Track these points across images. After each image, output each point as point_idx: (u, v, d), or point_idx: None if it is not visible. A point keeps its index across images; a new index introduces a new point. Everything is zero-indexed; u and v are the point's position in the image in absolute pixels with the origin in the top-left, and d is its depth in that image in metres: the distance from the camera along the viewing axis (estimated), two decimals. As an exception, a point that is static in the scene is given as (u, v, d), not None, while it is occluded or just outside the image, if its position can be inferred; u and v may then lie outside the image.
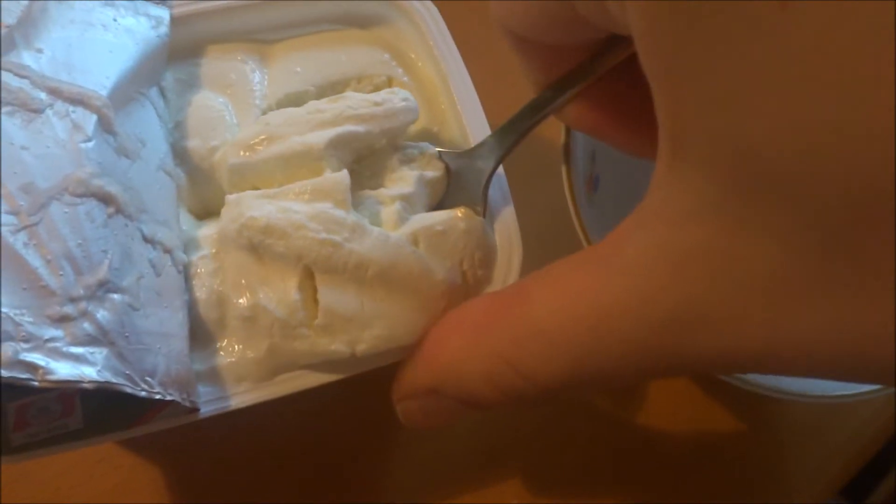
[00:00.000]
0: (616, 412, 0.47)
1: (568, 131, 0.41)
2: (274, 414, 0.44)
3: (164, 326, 0.32)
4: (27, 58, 0.33)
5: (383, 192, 0.35)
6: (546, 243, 0.42)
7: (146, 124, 0.37)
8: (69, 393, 0.30)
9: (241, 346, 0.34)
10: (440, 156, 0.37)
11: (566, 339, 0.24)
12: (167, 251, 0.34)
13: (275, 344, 0.33)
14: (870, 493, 0.65)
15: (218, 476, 0.44)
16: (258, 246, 0.32)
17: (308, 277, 0.32)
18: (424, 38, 0.42)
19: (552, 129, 0.41)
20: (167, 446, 0.45)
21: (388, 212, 0.34)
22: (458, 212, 0.34)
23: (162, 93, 0.39)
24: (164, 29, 0.39)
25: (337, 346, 0.32)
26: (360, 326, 0.31)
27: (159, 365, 0.30)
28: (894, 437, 0.50)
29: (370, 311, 0.32)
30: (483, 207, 0.36)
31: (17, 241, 0.29)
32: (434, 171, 0.37)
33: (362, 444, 0.46)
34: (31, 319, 0.28)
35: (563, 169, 0.41)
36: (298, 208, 0.32)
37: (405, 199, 0.35)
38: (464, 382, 0.28)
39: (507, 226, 0.38)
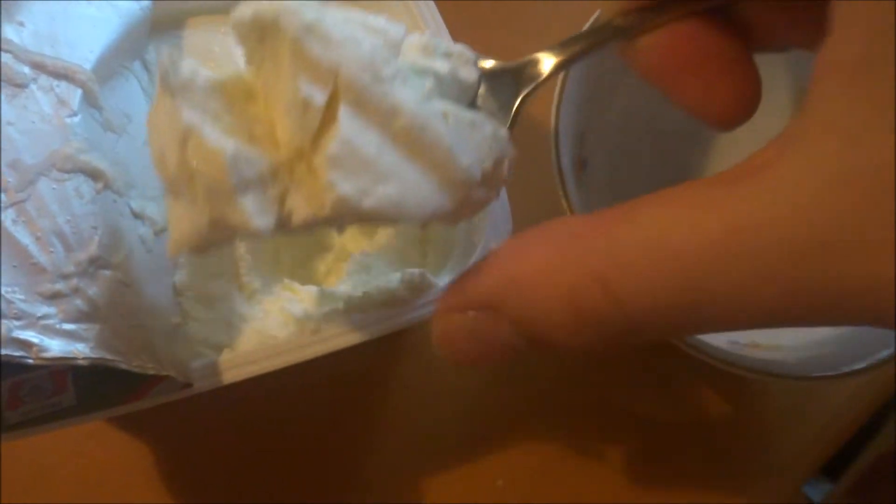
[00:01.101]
0: (603, 396, 0.48)
1: (558, 113, 0.41)
2: (261, 394, 0.44)
3: (156, 302, 0.32)
4: (9, 31, 0.32)
5: (419, 62, 0.30)
6: (536, 220, 0.42)
7: (131, 99, 0.36)
8: (61, 370, 0.30)
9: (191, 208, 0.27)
10: (476, 62, 0.34)
11: (678, 257, 0.20)
12: (156, 226, 0.34)
13: (215, 217, 0.26)
14: (845, 470, 0.67)
15: (203, 453, 0.44)
16: (294, 41, 0.26)
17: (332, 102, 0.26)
18: (416, 20, 0.42)
19: (542, 109, 0.41)
20: (157, 422, 0.45)
21: (420, 83, 0.30)
22: (487, 116, 0.30)
23: (146, 67, 0.39)
24: (146, 2, 0.38)
25: (345, 188, 0.26)
26: (373, 178, 0.26)
27: (153, 340, 0.30)
28: (870, 417, 0.51)
29: (387, 164, 0.27)
30: (511, 125, 0.31)
31: (6, 219, 0.28)
32: (467, 74, 0.32)
33: (351, 426, 0.46)
34: (22, 297, 0.27)
35: (553, 151, 0.40)
36: (352, 26, 0.27)
37: (439, 79, 0.30)
38: (536, 300, 0.24)
39: (499, 207, 0.38)
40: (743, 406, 0.48)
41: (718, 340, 0.42)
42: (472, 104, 0.32)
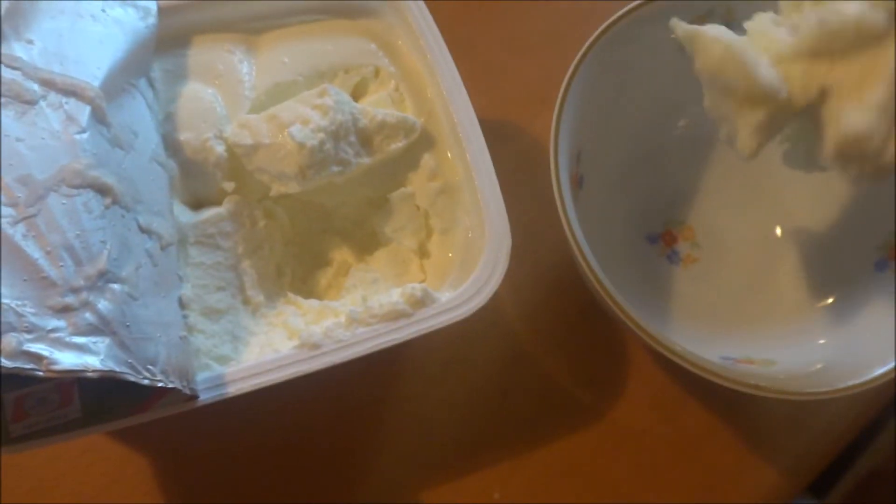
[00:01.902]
0: (597, 408, 0.48)
1: (556, 132, 0.42)
2: (258, 408, 0.45)
3: (163, 315, 0.32)
4: (18, 49, 0.33)
5: None
6: (533, 235, 0.43)
7: (137, 115, 0.37)
8: (67, 383, 0.30)
9: None
10: None
11: None
12: (162, 241, 0.34)
13: None
14: (831, 488, 0.67)
15: (204, 466, 0.44)
16: None
17: None
18: (411, 29, 0.43)
19: (542, 130, 0.42)
20: (155, 435, 0.45)
21: None
22: None
23: (151, 84, 0.39)
24: (152, 19, 0.39)
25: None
26: None
27: (160, 353, 0.31)
28: (858, 434, 0.52)
29: None
30: None
31: (17, 233, 0.29)
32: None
33: (346, 435, 0.46)
34: (33, 310, 0.28)
35: (552, 169, 0.41)
36: None
37: None
38: None
39: (498, 220, 0.39)
40: (735, 421, 0.49)
41: (711, 356, 0.42)
42: None
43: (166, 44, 0.41)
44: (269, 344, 0.37)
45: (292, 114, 0.38)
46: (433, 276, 0.42)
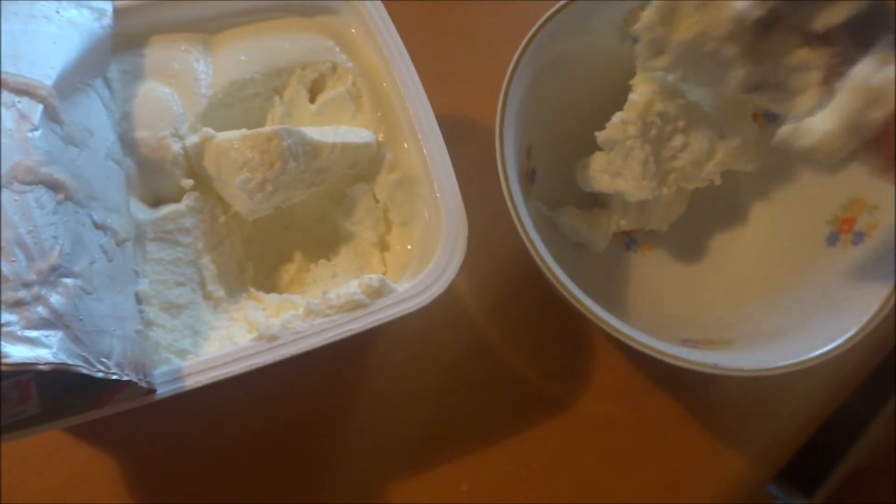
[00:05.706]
0: (563, 398, 0.49)
1: (501, 128, 0.42)
2: (227, 403, 0.45)
3: (119, 310, 0.32)
4: (-29, 51, 0.33)
5: None
6: (495, 230, 0.43)
7: (93, 114, 0.37)
8: (25, 379, 0.30)
9: None
10: None
11: None
12: (118, 237, 0.35)
13: None
14: (820, 486, 0.68)
15: (169, 466, 0.45)
16: None
17: None
18: (368, 25, 0.43)
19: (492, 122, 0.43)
20: (119, 438, 0.45)
21: None
22: None
23: (107, 84, 0.40)
24: (107, 20, 0.39)
25: None
26: None
27: (115, 347, 0.31)
28: (845, 430, 0.52)
29: None
30: None
31: (-32, 230, 0.29)
32: None
33: (314, 431, 0.47)
34: (-16, 305, 0.28)
35: (499, 164, 0.42)
36: None
37: None
38: None
39: (454, 209, 0.40)
40: (702, 407, 0.50)
41: (671, 339, 0.43)
42: None
43: (123, 44, 0.41)
44: (229, 338, 0.37)
45: (241, 156, 0.39)
46: (394, 268, 0.43)
